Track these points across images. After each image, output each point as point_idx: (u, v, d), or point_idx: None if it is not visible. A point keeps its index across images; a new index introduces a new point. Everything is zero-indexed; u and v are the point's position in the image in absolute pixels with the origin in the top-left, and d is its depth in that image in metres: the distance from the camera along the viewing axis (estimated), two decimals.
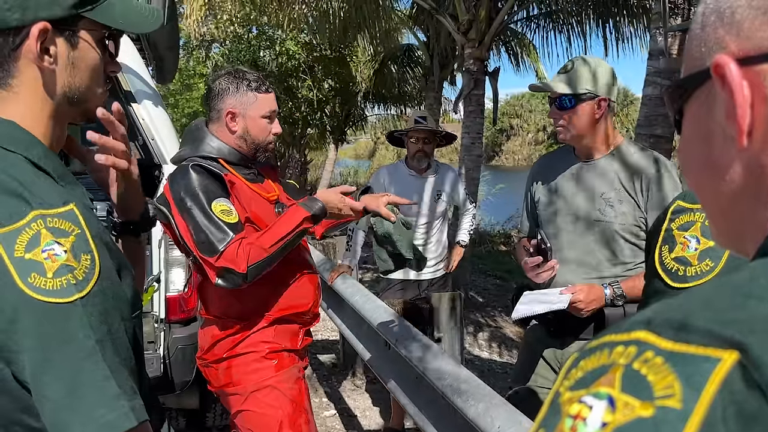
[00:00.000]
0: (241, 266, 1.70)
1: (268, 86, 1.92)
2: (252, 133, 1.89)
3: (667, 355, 0.32)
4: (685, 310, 0.34)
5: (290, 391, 1.90)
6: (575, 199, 2.01)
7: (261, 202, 1.91)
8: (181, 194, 1.76)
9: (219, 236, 1.71)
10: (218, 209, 1.75)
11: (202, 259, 1.73)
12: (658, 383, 0.31)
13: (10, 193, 0.76)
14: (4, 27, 0.81)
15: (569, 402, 0.34)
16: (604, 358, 0.34)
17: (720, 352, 0.31)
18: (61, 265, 0.75)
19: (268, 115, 1.91)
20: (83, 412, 0.74)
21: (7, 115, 0.83)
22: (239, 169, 1.90)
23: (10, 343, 0.73)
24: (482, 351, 5.40)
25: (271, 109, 1.91)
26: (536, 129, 42.91)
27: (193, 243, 1.73)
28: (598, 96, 1.92)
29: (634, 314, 0.37)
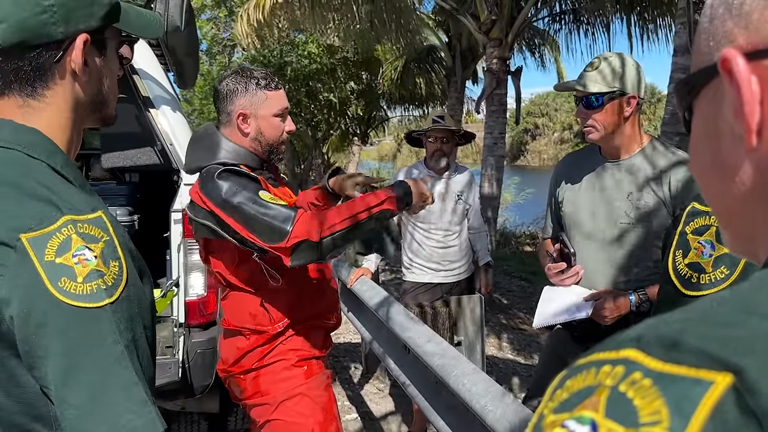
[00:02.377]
0: (314, 236, 1.57)
1: (277, 83, 1.83)
2: (266, 134, 1.81)
3: (656, 376, 0.29)
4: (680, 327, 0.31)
5: (320, 398, 1.86)
6: (601, 201, 1.95)
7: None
8: (222, 197, 1.65)
9: (282, 216, 1.59)
10: (267, 197, 1.65)
11: (272, 248, 1.61)
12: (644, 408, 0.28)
13: (38, 198, 0.77)
14: (50, 41, 0.82)
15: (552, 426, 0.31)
16: (591, 378, 0.32)
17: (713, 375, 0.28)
18: (91, 270, 0.75)
19: (281, 113, 1.82)
20: (110, 418, 0.73)
21: (33, 124, 0.84)
22: (260, 173, 1.83)
23: (36, 348, 0.73)
24: (507, 354, 5.32)
25: (282, 107, 1.82)
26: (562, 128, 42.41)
27: (256, 236, 1.61)
28: (626, 94, 1.86)
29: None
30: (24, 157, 0.82)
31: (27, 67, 0.82)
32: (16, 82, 0.83)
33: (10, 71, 0.82)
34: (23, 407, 0.77)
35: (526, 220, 12.52)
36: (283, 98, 1.84)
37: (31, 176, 0.80)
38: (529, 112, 41.28)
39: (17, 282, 0.73)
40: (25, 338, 0.73)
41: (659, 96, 32.00)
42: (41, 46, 0.82)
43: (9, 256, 0.73)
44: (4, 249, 0.73)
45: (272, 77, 1.84)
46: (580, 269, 1.89)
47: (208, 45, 11.77)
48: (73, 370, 0.73)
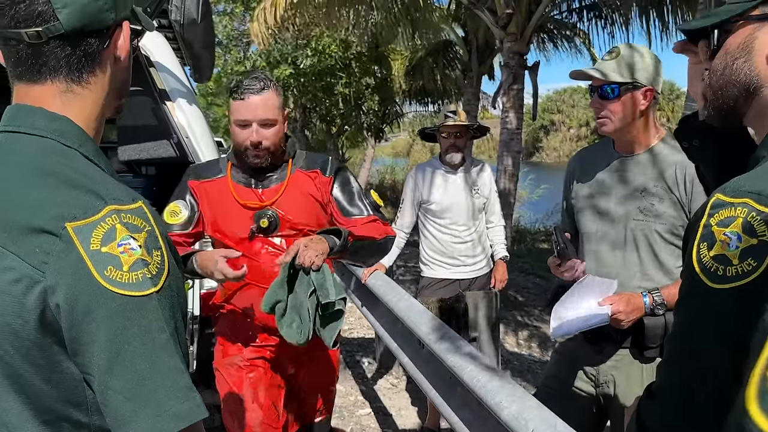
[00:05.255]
0: None
1: (242, 92, 1.87)
2: (233, 139, 1.96)
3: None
4: None
5: (231, 378, 2.05)
6: (614, 195, 1.92)
7: (231, 209, 1.96)
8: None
9: None
10: (168, 210, 1.96)
11: None
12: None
13: (79, 187, 0.78)
14: (102, 27, 0.85)
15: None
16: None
17: None
18: (136, 260, 0.76)
19: (239, 123, 1.90)
20: (154, 404, 0.74)
21: (70, 109, 0.85)
22: (240, 171, 1.99)
23: (81, 335, 0.74)
24: (522, 350, 5.30)
25: (239, 117, 1.89)
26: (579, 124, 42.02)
27: None
28: (643, 86, 1.82)
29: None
30: (58, 145, 0.83)
31: (80, 52, 0.84)
32: (66, 68, 0.84)
33: (63, 57, 0.83)
34: (62, 393, 0.77)
35: (541, 216, 12.44)
36: (242, 109, 1.88)
37: (68, 165, 0.81)
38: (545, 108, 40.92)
39: (63, 270, 0.73)
40: (70, 326, 0.74)
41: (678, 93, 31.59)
42: (95, 33, 0.84)
43: (54, 244, 0.74)
44: (49, 237, 0.74)
45: (244, 85, 1.88)
46: (576, 262, 1.86)
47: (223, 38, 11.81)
48: (119, 357, 0.74)
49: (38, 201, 0.76)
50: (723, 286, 0.73)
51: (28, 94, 0.85)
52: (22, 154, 0.82)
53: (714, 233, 0.75)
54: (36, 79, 0.84)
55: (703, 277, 0.76)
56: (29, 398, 0.78)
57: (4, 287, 0.74)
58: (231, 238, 1.96)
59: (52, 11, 0.80)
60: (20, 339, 0.75)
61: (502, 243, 3.58)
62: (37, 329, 0.75)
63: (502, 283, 3.55)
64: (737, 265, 0.72)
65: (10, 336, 0.75)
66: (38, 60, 0.83)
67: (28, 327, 0.75)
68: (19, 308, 0.74)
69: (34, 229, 0.74)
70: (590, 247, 1.97)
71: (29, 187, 0.78)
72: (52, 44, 0.82)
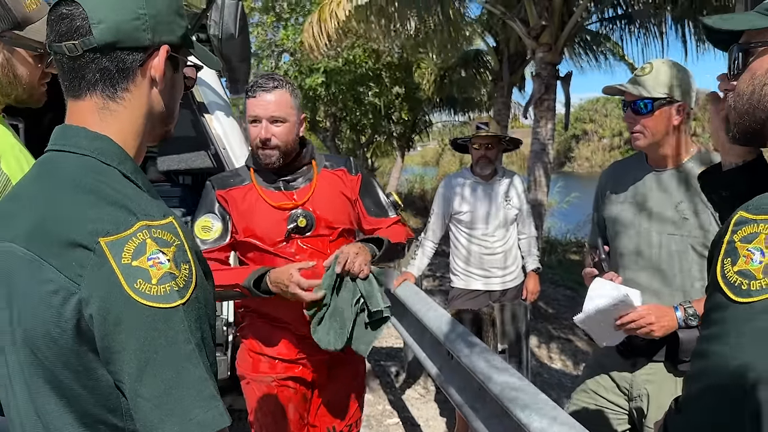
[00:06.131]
0: None
1: (255, 90, 1.89)
2: (250, 140, 1.96)
3: None
4: None
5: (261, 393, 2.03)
6: (648, 210, 1.91)
7: (263, 212, 1.94)
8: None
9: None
10: (199, 226, 1.93)
11: None
12: None
13: (114, 204, 0.82)
14: (137, 45, 0.90)
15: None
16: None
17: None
18: (165, 273, 0.79)
19: (251, 119, 1.91)
20: (180, 412, 0.77)
21: (109, 128, 0.90)
22: (263, 175, 1.97)
23: (113, 344, 0.78)
24: (552, 363, 5.24)
25: (251, 113, 1.91)
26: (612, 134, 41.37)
27: None
28: (677, 101, 1.82)
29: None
30: (98, 163, 0.88)
31: (113, 67, 0.89)
32: (101, 82, 0.89)
33: (98, 70, 0.89)
34: (98, 399, 0.82)
35: (572, 227, 12.27)
36: (255, 105, 1.90)
37: (106, 182, 0.86)
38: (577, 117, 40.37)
39: (96, 283, 0.78)
40: (103, 335, 0.78)
41: None
42: (128, 50, 0.89)
43: (88, 258, 0.78)
44: (83, 251, 0.78)
45: (257, 83, 1.91)
46: (612, 275, 1.85)
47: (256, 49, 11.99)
48: (147, 366, 0.77)
49: (76, 217, 0.81)
50: (747, 300, 0.76)
51: (72, 110, 0.92)
52: (65, 171, 0.88)
53: (737, 249, 0.78)
54: (77, 94, 0.90)
55: (727, 291, 0.78)
56: (69, 402, 0.83)
57: (44, 298, 0.80)
58: (267, 241, 1.95)
59: (88, 26, 0.87)
60: (59, 347, 0.80)
61: (534, 254, 3.57)
62: (74, 338, 0.79)
63: (534, 295, 3.53)
64: (761, 279, 0.75)
65: (50, 344, 0.80)
66: (77, 73, 0.89)
67: (65, 336, 0.79)
68: (58, 318, 0.79)
69: (71, 243, 0.79)
70: (621, 259, 1.96)
71: (69, 203, 0.83)
72: (88, 57, 0.88)
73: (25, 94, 1.40)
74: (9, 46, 1.34)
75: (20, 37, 1.33)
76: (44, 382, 0.83)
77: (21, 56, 1.36)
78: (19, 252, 0.83)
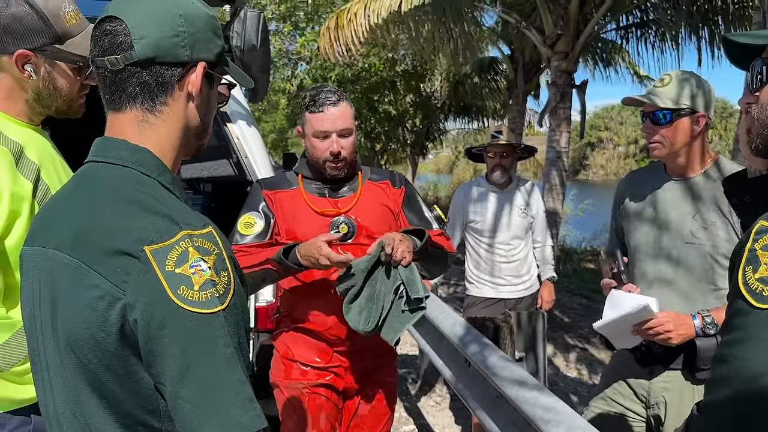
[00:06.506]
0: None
1: (320, 106, 1.92)
2: (309, 152, 2.00)
3: None
4: None
5: (293, 401, 2.03)
6: (666, 219, 1.93)
7: (306, 217, 1.97)
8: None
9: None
10: (242, 222, 1.97)
11: None
12: None
13: (157, 214, 0.86)
14: (176, 61, 0.94)
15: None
16: None
17: None
18: (206, 280, 0.83)
19: (318, 135, 1.94)
20: (219, 413, 0.80)
21: (148, 140, 0.95)
22: (311, 182, 2.02)
23: (156, 348, 0.81)
24: (568, 372, 5.22)
25: (320, 129, 1.93)
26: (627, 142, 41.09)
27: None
28: (695, 112, 1.84)
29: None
30: (139, 174, 0.92)
31: (152, 81, 0.93)
32: (141, 95, 0.93)
33: (138, 84, 0.93)
34: (138, 400, 0.85)
35: (588, 236, 12.21)
36: (321, 120, 1.93)
37: (147, 192, 0.89)
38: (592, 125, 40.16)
39: (141, 289, 0.81)
40: (146, 339, 0.81)
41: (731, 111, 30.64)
42: (168, 65, 0.93)
43: (133, 265, 0.82)
44: (129, 259, 0.82)
45: (321, 99, 1.94)
46: (631, 287, 1.87)
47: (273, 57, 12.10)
48: (189, 369, 0.80)
49: (121, 226, 0.85)
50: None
51: (112, 123, 0.96)
52: (108, 182, 0.91)
53: (759, 257, 0.81)
54: (117, 107, 0.94)
55: (749, 297, 0.81)
56: (110, 404, 0.86)
57: (90, 303, 0.83)
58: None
59: (130, 42, 0.91)
60: (103, 350, 0.83)
61: (549, 263, 3.58)
62: (118, 342, 0.83)
63: (549, 303, 3.54)
64: None
65: (94, 347, 0.84)
66: (119, 86, 0.93)
67: (110, 340, 0.83)
68: (103, 322, 0.82)
69: (117, 251, 0.83)
70: (640, 268, 1.97)
71: (113, 213, 0.87)
72: (129, 71, 0.92)
73: (65, 105, 1.45)
74: (50, 60, 1.39)
75: (60, 51, 1.39)
76: (86, 384, 0.86)
77: (61, 69, 1.41)
78: (64, 259, 0.87)
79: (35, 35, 1.35)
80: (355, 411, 2.14)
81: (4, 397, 1.29)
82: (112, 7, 0.94)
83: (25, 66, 1.37)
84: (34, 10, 1.34)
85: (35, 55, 1.37)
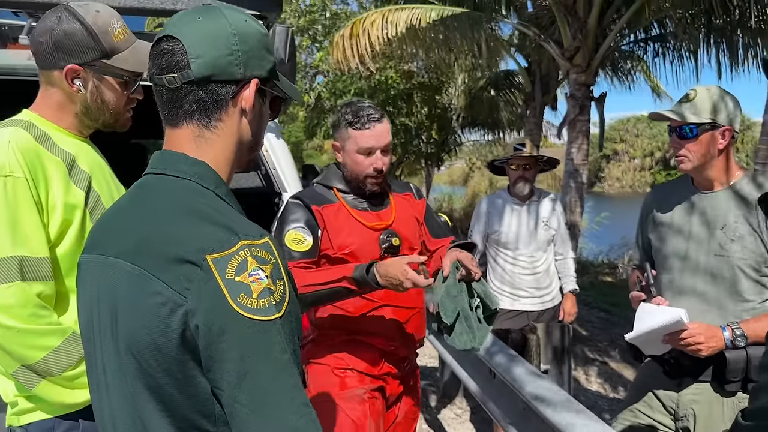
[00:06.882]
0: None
1: (365, 122, 1.94)
2: (349, 167, 2.00)
3: None
4: None
5: (352, 412, 1.98)
6: (694, 232, 1.94)
7: (357, 231, 1.98)
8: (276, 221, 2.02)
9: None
10: (290, 238, 1.93)
11: None
12: None
13: (217, 224, 0.89)
14: (231, 79, 0.97)
15: None
16: None
17: None
18: (264, 288, 0.85)
19: (362, 151, 1.96)
20: (276, 418, 0.83)
21: (205, 155, 0.98)
22: (349, 197, 2.03)
23: (215, 353, 0.84)
24: (588, 385, 5.18)
25: (365, 146, 1.95)
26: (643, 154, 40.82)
27: None
28: (721, 126, 1.87)
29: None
30: (198, 186, 0.95)
31: (208, 98, 0.96)
32: (197, 112, 0.97)
33: (194, 101, 0.96)
34: (195, 404, 0.87)
35: (605, 248, 12.13)
36: (368, 137, 1.95)
37: (207, 204, 0.93)
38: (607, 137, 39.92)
39: (203, 296, 0.84)
40: (207, 344, 0.84)
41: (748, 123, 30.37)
42: (222, 82, 0.96)
43: (195, 273, 0.85)
44: (191, 267, 0.85)
45: (365, 116, 1.95)
46: (660, 299, 1.88)
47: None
48: (247, 374, 0.83)
49: (183, 235, 0.88)
50: None
51: (170, 138, 0.99)
52: (169, 193, 0.95)
53: None
54: (175, 123, 0.98)
55: None
56: (167, 407, 0.88)
57: (153, 309, 0.86)
58: (363, 260, 1.96)
59: (186, 61, 0.94)
60: (163, 355, 0.86)
61: (571, 276, 3.57)
62: (178, 347, 0.85)
63: (571, 316, 3.53)
64: None
65: (154, 352, 0.86)
66: (175, 103, 0.97)
67: (170, 344, 0.85)
68: (164, 328, 0.85)
69: (179, 259, 0.85)
70: (669, 279, 1.99)
71: (175, 222, 0.90)
72: (185, 89, 0.95)
73: (112, 118, 1.50)
74: (98, 74, 1.44)
75: (108, 66, 1.43)
76: (145, 387, 0.89)
77: (109, 83, 1.46)
78: (126, 267, 0.90)
79: (85, 51, 1.40)
80: (396, 416, 2.17)
81: (55, 402, 1.32)
82: (170, 27, 0.97)
83: (74, 80, 1.42)
84: (84, 27, 1.39)
85: (84, 69, 1.42)
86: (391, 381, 2.09)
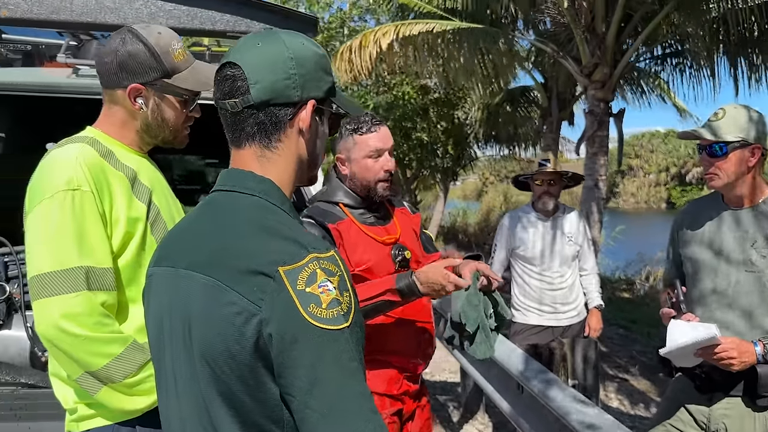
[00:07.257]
0: None
1: (369, 126, 1.94)
2: (359, 175, 1.97)
3: None
4: None
5: None
6: (724, 248, 1.97)
7: (371, 247, 1.97)
8: None
9: None
10: None
11: None
12: None
13: (287, 239, 0.94)
14: (288, 101, 1.01)
15: None
16: None
17: None
18: (332, 299, 0.89)
19: (371, 155, 1.94)
20: (345, 423, 0.86)
21: (269, 173, 1.03)
22: (357, 212, 2.01)
23: (287, 360, 0.88)
24: (609, 402, 5.16)
25: (374, 148, 1.94)
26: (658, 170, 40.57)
27: None
28: (751, 144, 1.90)
29: None
30: (266, 203, 1.00)
31: (268, 121, 1.01)
32: (258, 133, 1.01)
33: (255, 123, 1.01)
34: (265, 410, 0.91)
35: (622, 264, 12.06)
36: (374, 140, 1.94)
37: (275, 219, 0.97)
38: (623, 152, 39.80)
39: (276, 306, 0.88)
40: (279, 352, 0.88)
41: None
42: (280, 105, 1.01)
43: (269, 284, 0.89)
44: (264, 278, 0.89)
45: (366, 121, 1.96)
46: (690, 316, 1.91)
47: None
48: (317, 381, 0.87)
49: (255, 249, 0.92)
50: None
51: (235, 158, 1.05)
52: (238, 209, 1.00)
53: None
54: (238, 144, 1.03)
55: None
56: (238, 412, 0.92)
57: (228, 318, 0.90)
58: (378, 274, 1.96)
59: (246, 86, 0.99)
60: (236, 362, 0.90)
61: (596, 291, 3.59)
62: (252, 354, 0.89)
63: (597, 331, 3.54)
64: None
65: (228, 359, 0.90)
66: (238, 126, 1.02)
67: (244, 352, 0.89)
68: (239, 336, 0.89)
69: (253, 271, 0.90)
70: (699, 297, 2.01)
71: (247, 237, 0.95)
72: (246, 113, 1.00)
73: (171, 135, 1.55)
74: (159, 93, 1.50)
75: (169, 85, 1.50)
76: (217, 394, 0.92)
77: (169, 102, 1.52)
78: (200, 279, 0.94)
79: (147, 70, 1.46)
80: None
81: (115, 408, 1.37)
82: (232, 53, 1.03)
83: (136, 99, 1.48)
84: (147, 48, 1.45)
85: (146, 88, 1.48)
86: (407, 400, 2.07)
